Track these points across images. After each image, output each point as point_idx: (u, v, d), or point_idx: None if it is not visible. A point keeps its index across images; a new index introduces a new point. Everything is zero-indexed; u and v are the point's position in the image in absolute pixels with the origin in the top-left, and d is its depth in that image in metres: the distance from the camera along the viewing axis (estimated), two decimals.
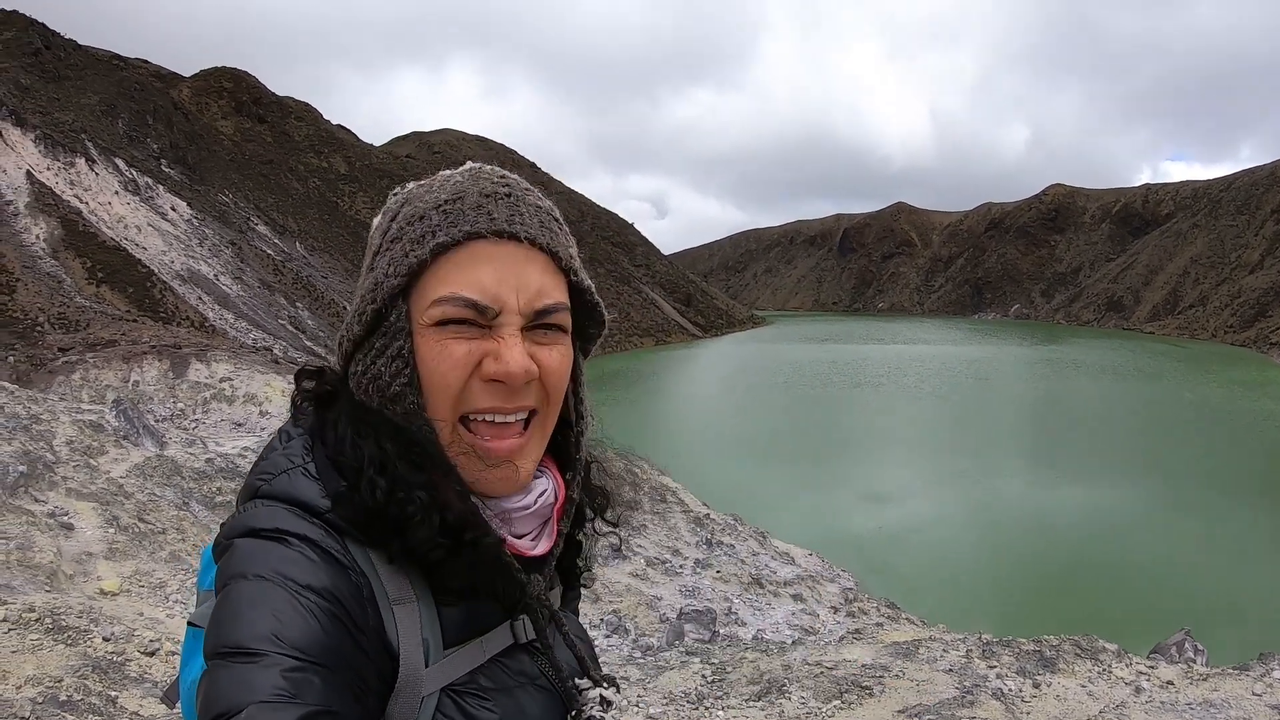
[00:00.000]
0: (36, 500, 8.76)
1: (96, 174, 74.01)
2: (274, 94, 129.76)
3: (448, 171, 1.22)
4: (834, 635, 12.09)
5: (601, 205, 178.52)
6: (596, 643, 10.84)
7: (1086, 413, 62.21)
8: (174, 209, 79.79)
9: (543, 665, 1.22)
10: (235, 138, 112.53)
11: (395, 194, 1.25)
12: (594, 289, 1.26)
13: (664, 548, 17.07)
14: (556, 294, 1.16)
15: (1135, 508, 33.70)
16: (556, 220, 1.21)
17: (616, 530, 1.44)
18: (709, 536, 18.38)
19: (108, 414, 14.49)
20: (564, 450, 1.32)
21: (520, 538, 1.21)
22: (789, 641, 11.31)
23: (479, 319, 1.11)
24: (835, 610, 15.60)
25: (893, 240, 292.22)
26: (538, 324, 1.14)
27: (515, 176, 1.22)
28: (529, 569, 1.20)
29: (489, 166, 1.22)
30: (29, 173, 66.45)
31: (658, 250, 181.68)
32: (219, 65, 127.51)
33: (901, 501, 34.59)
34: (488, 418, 1.13)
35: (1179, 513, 33.12)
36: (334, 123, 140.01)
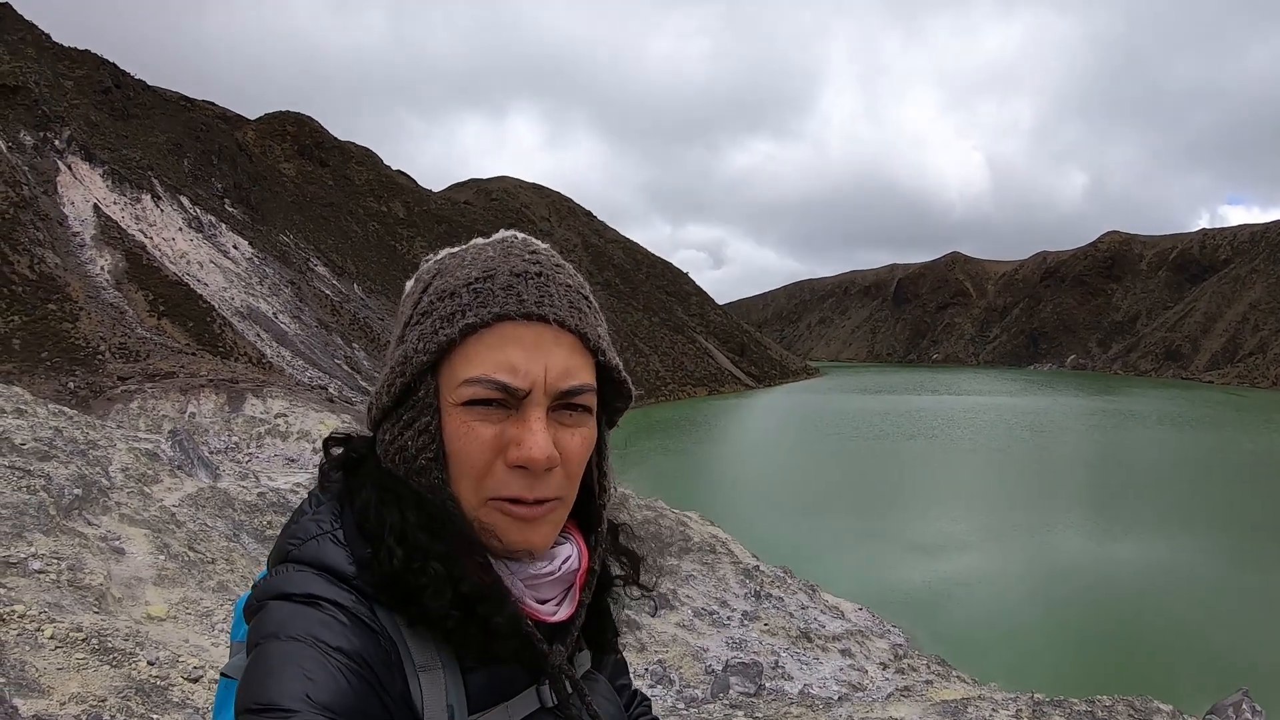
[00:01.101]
0: (90, 523, 8.86)
1: (161, 210, 75.91)
2: (335, 138, 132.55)
3: (480, 241, 1.24)
4: (882, 692, 11.83)
5: (657, 254, 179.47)
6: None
7: (1143, 464, 61.05)
8: (236, 247, 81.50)
9: None
10: (297, 180, 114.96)
11: (428, 260, 1.27)
12: (620, 366, 1.25)
13: (712, 599, 16.88)
14: (583, 375, 1.17)
15: (1193, 562, 32.92)
16: (586, 299, 1.22)
17: (651, 595, 1.42)
18: (758, 588, 18.15)
19: (164, 443, 14.70)
20: (588, 517, 1.33)
21: (543, 603, 1.22)
22: (835, 697, 11.09)
23: (507, 399, 1.12)
24: (884, 666, 15.29)
25: (947, 290, 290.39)
26: (563, 404, 1.15)
27: (547, 250, 1.23)
28: (551, 635, 1.21)
29: (521, 237, 1.23)
30: (96, 206, 68.37)
31: (712, 300, 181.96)
32: (283, 109, 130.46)
33: (954, 555, 34.04)
34: (511, 506, 1.15)
35: (1239, 567, 32.31)
36: (394, 168, 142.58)
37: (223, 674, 1.13)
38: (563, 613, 1.23)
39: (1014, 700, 7.72)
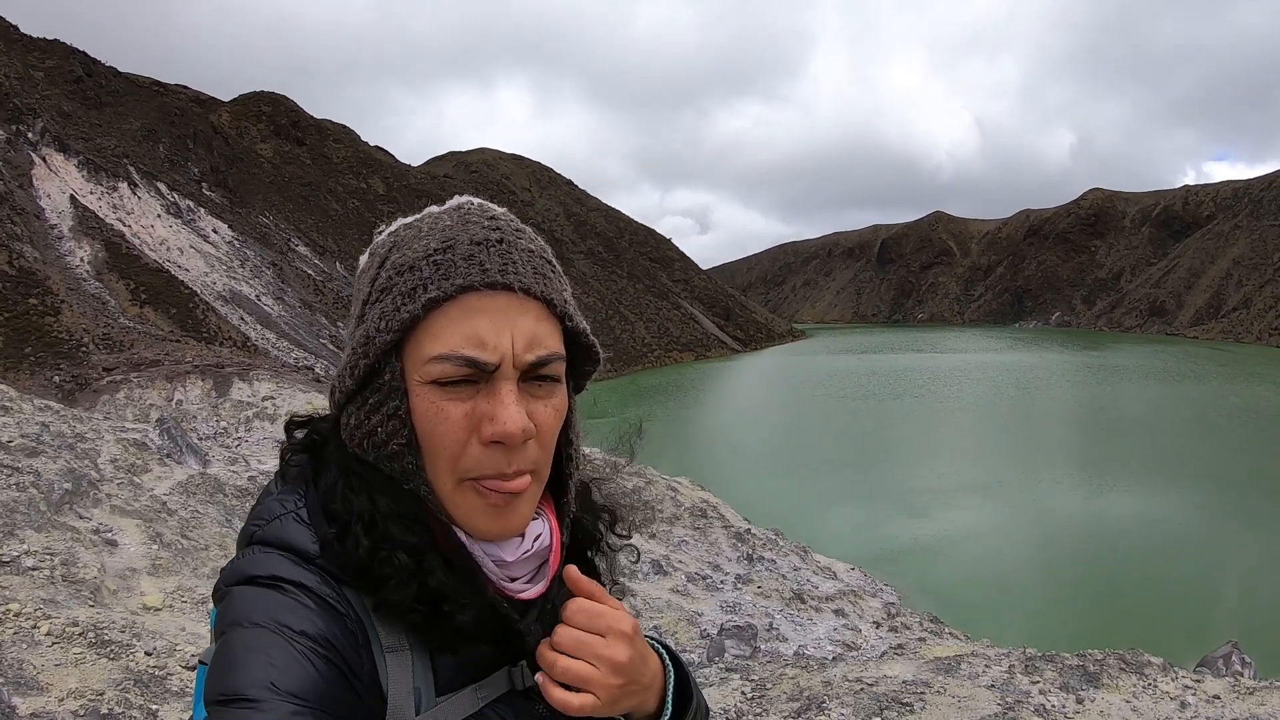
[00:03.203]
0: (81, 517, 8.87)
1: (139, 198, 75.30)
2: (312, 117, 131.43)
3: (435, 209, 1.19)
4: (876, 651, 11.96)
5: (640, 221, 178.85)
6: None
7: (1130, 419, 61.51)
8: (215, 231, 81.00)
9: (540, 711, 1.18)
10: (274, 160, 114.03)
11: (380, 232, 1.22)
12: (588, 330, 1.21)
13: (705, 563, 17.00)
14: (551, 342, 1.13)
15: (1181, 516, 33.24)
16: (550, 263, 1.17)
17: (630, 542, 1.40)
18: (750, 552, 18.28)
19: (151, 432, 14.68)
20: (557, 487, 1.29)
21: (514, 580, 1.19)
22: (830, 658, 11.21)
23: (476, 375, 1.08)
24: (877, 625, 15.46)
25: (931, 250, 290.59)
26: (533, 375, 1.12)
27: (506, 215, 1.19)
28: (524, 612, 1.19)
29: (478, 203, 1.19)
30: (73, 197, 67.77)
31: (696, 265, 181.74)
32: (259, 90, 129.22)
33: (944, 513, 34.28)
34: (488, 481, 1.11)
35: (1225, 520, 32.63)
36: (372, 144, 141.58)
37: (200, 661, 1.09)
38: (535, 590, 1.21)
39: (1006, 656, 7.83)
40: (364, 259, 1.21)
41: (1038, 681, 7.06)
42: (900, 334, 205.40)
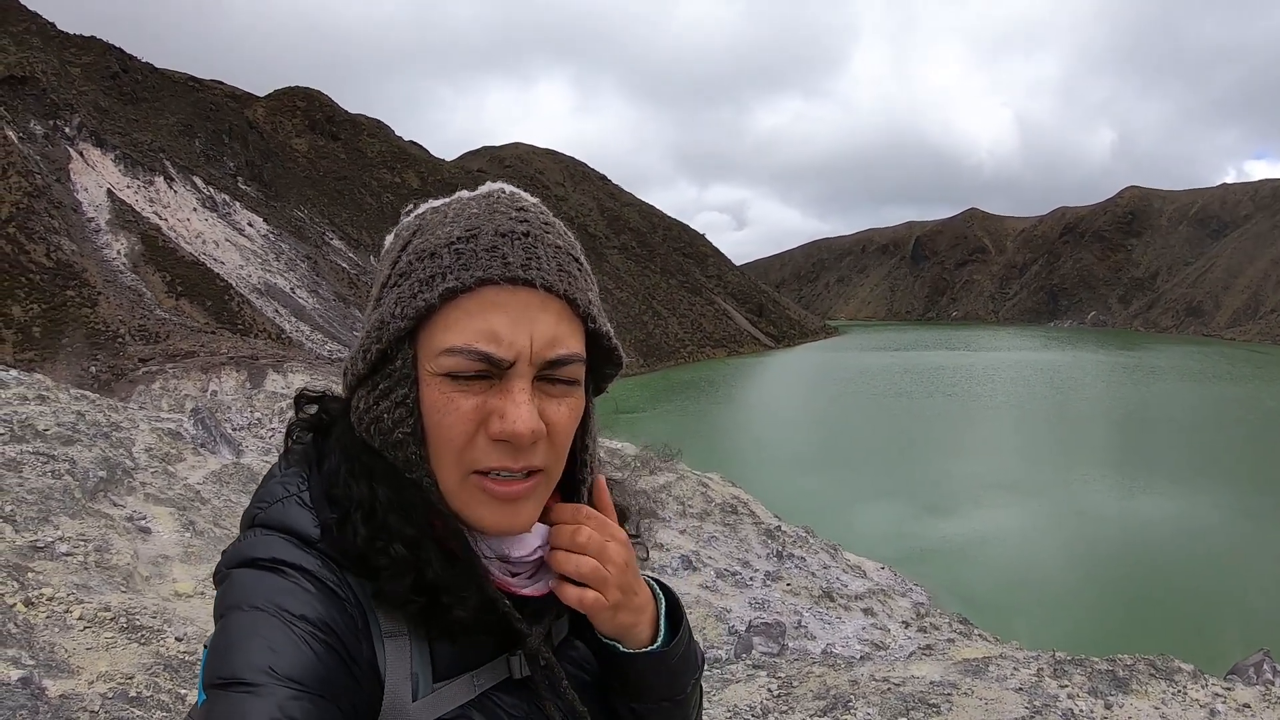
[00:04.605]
0: (115, 505, 8.98)
1: (175, 191, 76.15)
2: (346, 111, 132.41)
3: (465, 194, 1.15)
4: (904, 651, 11.88)
5: (674, 217, 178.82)
6: None
7: (1165, 420, 60.84)
8: (251, 225, 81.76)
9: (539, 703, 1.16)
10: (309, 155, 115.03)
11: (407, 213, 1.18)
12: (612, 333, 1.17)
13: (734, 559, 16.96)
14: (571, 343, 1.09)
15: (1215, 520, 32.79)
16: (576, 260, 1.12)
17: (640, 541, 1.35)
18: (780, 549, 18.22)
19: (186, 422, 14.84)
20: (569, 490, 1.25)
21: (515, 576, 1.17)
22: (858, 657, 11.15)
23: (489, 370, 1.04)
24: (906, 625, 15.36)
25: (966, 247, 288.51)
26: (549, 374, 1.08)
27: (536, 206, 1.14)
28: (522, 608, 1.16)
29: (509, 191, 1.14)
30: (110, 191, 68.61)
31: (730, 261, 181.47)
32: (294, 85, 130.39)
33: (975, 513, 34.06)
34: (494, 474, 1.07)
35: (1261, 525, 32.17)
36: (406, 139, 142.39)
37: (205, 646, 1.06)
38: (535, 588, 1.18)
39: (1035, 659, 7.76)
40: (389, 239, 1.17)
41: (1066, 685, 6.99)
42: (934, 331, 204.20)
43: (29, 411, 9.89)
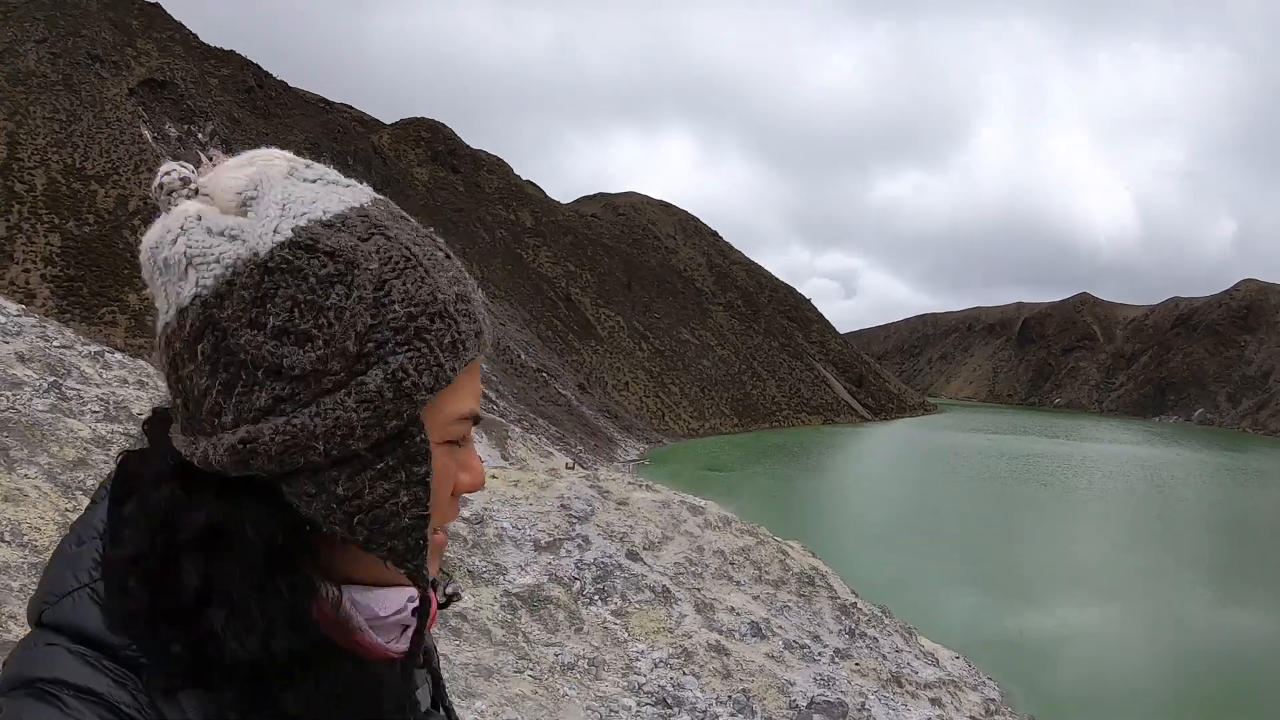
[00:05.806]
0: None
1: None
2: (468, 146, 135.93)
3: (368, 206, 0.91)
4: None
5: (781, 279, 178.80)
6: (720, 719, 10.64)
7: (1270, 528, 58.18)
8: None
9: None
10: (429, 185, 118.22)
11: (319, 238, 0.83)
12: None
13: (805, 632, 16.68)
14: None
15: None
16: None
17: (450, 577, 1.16)
18: (853, 626, 17.84)
19: None
20: None
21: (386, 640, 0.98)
22: None
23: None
24: None
25: (1074, 333, 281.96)
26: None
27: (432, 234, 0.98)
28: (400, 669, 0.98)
29: (391, 207, 0.96)
30: None
31: (833, 328, 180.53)
32: (420, 116, 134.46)
33: (1060, 609, 33.07)
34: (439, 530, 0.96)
35: None
36: (524, 178, 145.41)
37: None
38: (402, 645, 0.97)
39: None
40: (297, 255, 0.81)
41: None
42: (1034, 417, 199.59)
43: (126, 395, 10.23)
